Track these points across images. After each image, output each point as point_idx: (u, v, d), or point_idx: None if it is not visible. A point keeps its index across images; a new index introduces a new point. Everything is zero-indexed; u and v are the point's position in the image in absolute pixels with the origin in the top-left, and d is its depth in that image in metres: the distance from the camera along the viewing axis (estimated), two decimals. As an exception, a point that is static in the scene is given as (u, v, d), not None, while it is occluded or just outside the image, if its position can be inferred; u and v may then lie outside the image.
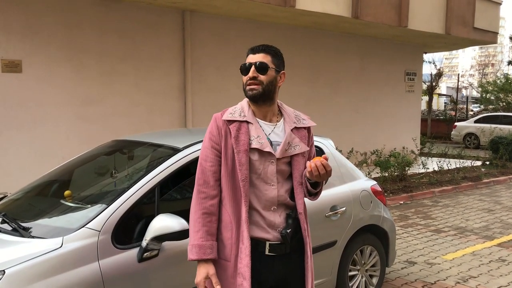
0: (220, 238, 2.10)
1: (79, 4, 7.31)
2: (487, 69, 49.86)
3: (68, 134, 7.29)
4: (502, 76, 26.77)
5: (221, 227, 2.11)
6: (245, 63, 2.11)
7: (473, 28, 12.46)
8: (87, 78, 7.48)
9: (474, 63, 69.26)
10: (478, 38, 12.70)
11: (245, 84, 2.10)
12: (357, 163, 10.29)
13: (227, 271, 2.08)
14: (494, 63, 58.09)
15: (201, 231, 2.03)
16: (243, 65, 2.11)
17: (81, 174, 3.35)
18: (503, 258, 5.29)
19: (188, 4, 8.09)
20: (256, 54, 2.10)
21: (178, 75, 8.59)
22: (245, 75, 2.09)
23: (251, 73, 2.07)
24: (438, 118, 23.07)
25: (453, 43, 13.27)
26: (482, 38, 12.90)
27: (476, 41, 13.02)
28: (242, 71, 2.11)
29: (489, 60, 62.70)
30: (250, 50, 2.12)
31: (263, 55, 2.10)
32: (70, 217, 2.65)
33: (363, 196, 3.89)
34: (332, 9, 9.08)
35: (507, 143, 12.60)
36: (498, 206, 8.03)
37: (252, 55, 2.11)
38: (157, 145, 3.15)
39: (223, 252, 2.09)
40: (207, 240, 2.03)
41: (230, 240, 2.07)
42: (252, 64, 2.08)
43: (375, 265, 4.06)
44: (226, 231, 2.09)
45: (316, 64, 10.87)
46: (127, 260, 2.44)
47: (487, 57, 73.85)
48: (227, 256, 2.08)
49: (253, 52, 2.11)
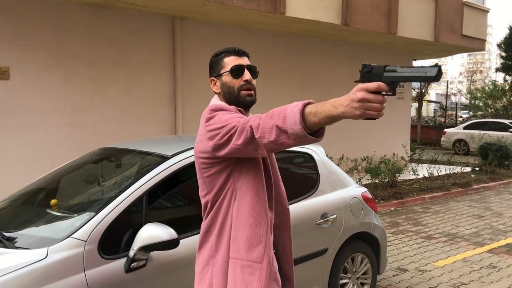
0: (247, 235, 1.82)
1: (68, 10, 7.26)
2: (475, 76, 50.35)
3: (57, 141, 7.21)
4: (490, 83, 27.07)
5: (251, 223, 1.82)
6: (239, 64, 1.93)
7: (461, 35, 12.59)
8: (76, 85, 7.42)
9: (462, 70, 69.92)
10: (466, 45, 12.83)
11: (238, 88, 1.92)
12: (348, 169, 10.29)
13: (254, 275, 1.80)
14: (482, 70, 58.71)
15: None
16: (237, 66, 1.92)
17: (68, 182, 3.30)
18: (494, 264, 5.29)
19: (178, 11, 8.07)
20: (243, 58, 1.97)
21: (169, 81, 8.55)
22: (237, 77, 1.92)
23: (248, 76, 1.93)
24: (428, 125, 23.22)
25: (442, 50, 13.38)
26: (470, 45, 13.03)
27: (465, 48, 13.15)
28: (233, 73, 1.92)
29: (477, 67, 63.33)
30: (234, 52, 1.96)
31: (247, 59, 2.00)
32: (56, 227, 2.59)
33: (354, 203, 3.87)
34: (322, 16, 9.12)
35: (496, 149, 12.69)
36: (488, 212, 8.06)
37: (237, 57, 1.95)
38: (145, 153, 3.11)
39: (251, 253, 1.81)
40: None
41: (265, 236, 1.83)
42: (245, 66, 1.94)
43: (366, 273, 4.04)
44: (260, 226, 1.83)
45: (306, 71, 10.90)
46: (114, 270, 2.39)
47: (476, 64, 74.58)
48: (258, 257, 1.82)
49: (238, 55, 1.96)
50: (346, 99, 1.45)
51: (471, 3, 13.02)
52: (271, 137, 1.57)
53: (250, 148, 1.67)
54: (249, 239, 1.81)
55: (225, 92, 1.95)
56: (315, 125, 1.51)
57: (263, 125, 1.58)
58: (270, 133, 1.57)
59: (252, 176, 1.85)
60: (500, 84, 25.97)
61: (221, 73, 1.96)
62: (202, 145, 1.85)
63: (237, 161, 1.84)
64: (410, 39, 11.32)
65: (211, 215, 1.91)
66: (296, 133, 1.51)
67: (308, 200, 3.53)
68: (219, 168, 1.84)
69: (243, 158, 1.83)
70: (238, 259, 1.81)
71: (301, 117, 1.50)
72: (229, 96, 1.94)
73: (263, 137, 1.59)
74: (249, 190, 1.83)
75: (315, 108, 1.50)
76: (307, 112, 1.51)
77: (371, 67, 1.49)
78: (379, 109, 1.42)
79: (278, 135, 1.55)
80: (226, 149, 1.72)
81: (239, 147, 1.67)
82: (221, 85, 1.96)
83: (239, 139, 1.65)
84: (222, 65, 1.96)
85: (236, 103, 1.92)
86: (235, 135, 1.67)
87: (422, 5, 11.48)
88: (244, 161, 1.85)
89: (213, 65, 2.01)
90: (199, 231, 2.72)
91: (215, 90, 2.01)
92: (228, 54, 1.97)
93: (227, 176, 1.84)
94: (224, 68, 1.96)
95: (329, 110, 1.47)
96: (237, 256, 1.82)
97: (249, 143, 1.65)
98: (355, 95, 1.43)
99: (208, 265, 1.90)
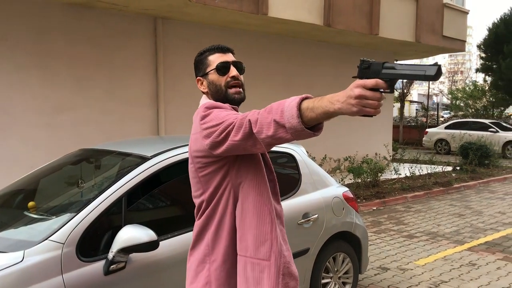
0: (254, 234, 1.83)
1: (49, 9, 7.16)
2: (456, 77, 51.12)
3: (37, 143, 7.10)
4: (471, 83, 27.50)
5: (256, 221, 1.84)
6: (225, 61, 1.91)
7: (442, 36, 12.77)
8: (57, 86, 7.33)
9: (444, 71, 70.90)
10: (447, 46, 13.01)
11: (225, 85, 1.90)
12: (331, 169, 10.36)
13: (264, 272, 1.82)
14: (463, 70, 59.63)
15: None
16: (223, 63, 1.90)
17: (46, 184, 3.25)
18: (473, 262, 5.37)
19: (160, 11, 8.02)
20: (227, 54, 1.94)
21: (151, 82, 8.50)
22: (224, 74, 1.90)
23: (235, 72, 1.90)
24: (410, 125, 23.50)
25: (423, 50, 13.55)
26: (450, 46, 13.22)
27: (445, 49, 13.33)
28: (219, 70, 1.90)
29: (458, 68, 64.34)
30: (218, 49, 1.94)
31: (232, 55, 1.98)
32: (33, 230, 2.55)
33: (335, 202, 3.89)
34: (304, 17, 9.16)
35: (476, 148, 12.89)
36: (468, 211, 8.17)
37: (221, 54, 1.94)
38: (125, 154, 3.08)
39: (259, 251, 1.83)
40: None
41: (270, 234, 1.85)
42: (230, 62, 1.91)
43: (348, 272, 4.06)
44: (264, 224, 1.84)
45: (289, 71, 10.93)
46: (93, 273, 2.36)
47: (456, 64, 75.70)
48: (265, 255, 1.83)
49: (223, 52, 1.94)
50: (343, 95, 1.43)
51: (451, 4, 13.21)
52: (269, 131, 1.55)
53: (248, 144, 1.64)
54: (256, 238, 1.83)
55: (213, 90, 1.92)
56: (312, 120, 1.49)
57: (261, 119, 1.57)
58: (268, 127, 1.55)
59: (253, 173, 1.84)
60: (480, 84, 26.41)
61: (207, 71, 1.94)
62: (197, 144, 1.81)
63: (234, 160, 1.82)
64: (392, 40, 11.44)
65: (206, 214, 1.88)
66: (293, 127, 1.49)
67: (290, 200, 3.53)
68: (215, 167, 1.81)
69: (240, 156, 1.82)
70: (248, 257, 1.83)
71: (298, 111, 1.48)
72: (217, 94, 1.91)
73: (261, 132, 1.57)
74: (251, 188, 1.83)
75: (312, 103, 1.48)
76: (304, 107, 1.49)
77: (370, 63, 1.46)
78: (376, 106, 1.41)
79: (276, 130, 1.54)
80: (223, 146, 1.69)
81: (237, 143, 1.65)
82: (208, 84, 1.93)
83: (237, 135, 1.63)
84: (207, 63, 1.94)
85: (225, 101, 1.89)
86: (233, 131, 1.64)
87: (403, 6, 11.62)
88: (242, 159, 1.83)
89: (198, 64, 1.99)
90: (179, 232, 2.74)
91: (203, 90, 1.98)
92: (212, 52, 1.95)
93: (223, 175, 1.82)
94: (209, 66, 1.93)
95: (326, 105, 1.45)
96: (246, 254, 1.84)
97: (248, 138, 1.62)
98: (352, 91, 1.41)
99: (204, 263, 1.89)
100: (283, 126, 1.52)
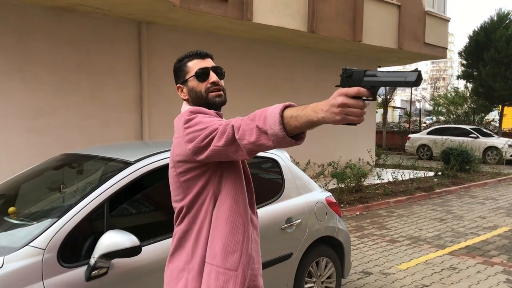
0: (224, 242, 1.81)
1: (29, 13, 7.09)
2: (438, 83, 51.85)
3: (18, 147, 7.01)
4: (452, 90, 27.90)
5: (228, 230, 1.81)
6: (204, 67, 1.90)
7: (424, 43, 12.97)
8: (38, 90, 7.24)
9: (426, 77, 71.84)
10: (429, 53, 13.22)
11: (205, 91, 1.89)
12: (315, 174, 10.40)
13: (229, 282, 1.79)
14: (445, 77, 60.53)
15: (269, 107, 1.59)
16: (202, 70, 1.90)
17: (28, 189, 3.21)
18: (454, 266, 5.44)
19: (144, 16, 8.00)
20: (206, 60, 1.94)
21: (134, 87, 8.45)
22: (203, 81, 1.89)
23: (214, 78, 1.89)
24: (393, 130, 23.78)
25: (405, 57, 13.74)
26: (432, 53, 13.43)
27: (427, 55, 13.54)
28: (199, 76, 1.89)
29: (440, 74, 65.29)
30: (196, 55, 1.94)
31: (211, 60, 1.97)
32: (13, 235, 2.52)
33: (318, 207, 3.91)
34: (288, 23, 9.22)
35: (457, 154, 13.08)
36: (449, 216, 8.29)
37: (200, 60, 1.93)
38: (107, 159, 3.06)
39: (227, 260, 1.80)
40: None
41: (241, 244, 1.82)
42: (210, 68, 1.91)
43: (331, 277, 4.09)
44: (236, 233, 1.82)
45: (273, 77, 10.98)
46: (74, 279, 2.34)
47: (439, 71, 76.83)
48: (233, 265, 1.81)
49: (201, 57, 1.94)
50: (326, 104, 1.43)
51: (433, 12, 13.44)
52: (251, 137, 1.55)
53: (231, 150, 1.64)
54: (225, 246, 1.79)
55: (193, 97, 1.91)
56: (296, 129, 1.49)
57: (244, 125, 1.57)
58: (251, 133, 1.55)
59: (231, 182, 1.82)
60: (462, 91, 26.82)
61: (186, 78, 1.93)
62: (179, 148, 1.79)
63: (217, 166, 1.81)
64: (375, 47, 11.58)
65: (187, 220, 1.85)
66: (275, 133, 1.49)
67: (273, 205, 3.55)
68: (197, 172, 1.79)
69: (223, 163, 1.81)
70: (214, 265, 1.79)
71: (280, 118, 1.49)
72: (197, 101, 1.90)
73: (244, 138, 1.57)
74: (228, 196, 1.81)
75: (296, 112, 1.48)
76: (288, 115, 1.49)
77: (352, 71, 1.47)
78: (360, 114, 1.41)
79: (258, 136, 1.54)
80: (206, 152, 1.68)
81: (220, 149, 1.64)
82: (189, 91, 1.92)
83: (220, 141, 1.62)
84: (186, 70, 1.93)
85: (206, 106, 1.88)
86: (216, 137, 1.64)
87: (386, 13, 11.77)
88: (224, 167, 1.82)
89: (177, 71, 1.97)
90: (162, 237, 2.73)
91: (183, 97, 1.96)
92: (190, 58, 1.94)
93: (205, 182, 1.80)
94: (188, 73, 1.92)
95: (310, 114, 1.45)
96: (212, 262, 1.80)
97: (230, 144, 1.62)
98: (335, 100, 1.41)
99: (184, 271, 1.85)
100: (265, 132, 1.52)
